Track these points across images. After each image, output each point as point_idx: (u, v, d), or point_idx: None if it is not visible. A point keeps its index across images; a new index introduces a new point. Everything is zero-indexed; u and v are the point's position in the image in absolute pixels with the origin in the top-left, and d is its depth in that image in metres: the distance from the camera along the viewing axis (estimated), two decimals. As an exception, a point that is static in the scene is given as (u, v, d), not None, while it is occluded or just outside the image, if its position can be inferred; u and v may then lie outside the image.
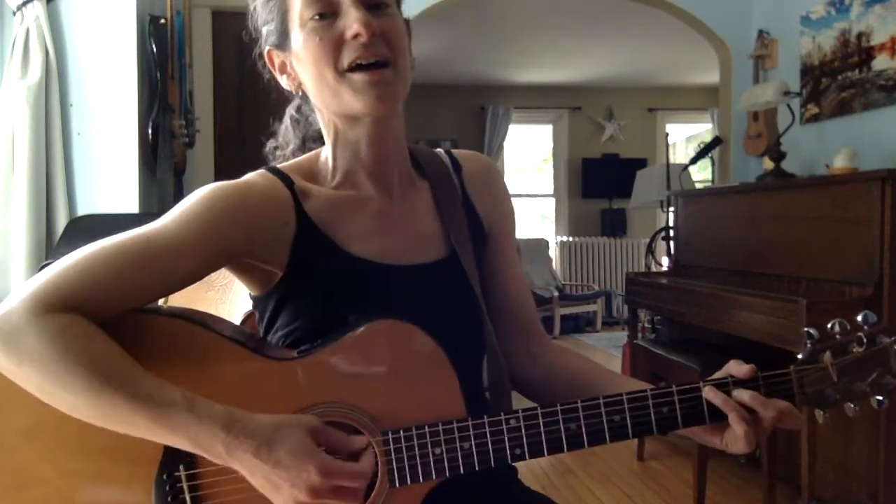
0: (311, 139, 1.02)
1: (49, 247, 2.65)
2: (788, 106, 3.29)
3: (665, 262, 3.97)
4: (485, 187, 1.04)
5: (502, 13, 5.34)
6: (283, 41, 0.92)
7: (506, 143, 7.84)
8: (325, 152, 0.97)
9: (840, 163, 2.86)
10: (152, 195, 2.96)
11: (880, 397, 0.81)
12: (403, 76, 0.89)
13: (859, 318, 0.83)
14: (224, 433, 0.75)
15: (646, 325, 4.46)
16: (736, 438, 0.82)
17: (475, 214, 1.02)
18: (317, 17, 0.87)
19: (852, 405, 0.82)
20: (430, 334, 0.84)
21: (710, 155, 4.03)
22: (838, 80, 3.35)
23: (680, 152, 8.23)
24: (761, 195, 2.88)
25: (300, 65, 0.91)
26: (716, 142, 3.94)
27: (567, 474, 3.10)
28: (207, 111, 3.47)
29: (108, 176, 2.81)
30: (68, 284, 0.79)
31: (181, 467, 0.81)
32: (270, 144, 1.05)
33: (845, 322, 0.83)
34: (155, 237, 0.83)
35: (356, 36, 0.85)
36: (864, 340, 0.82)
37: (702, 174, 6.57)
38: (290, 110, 1.04)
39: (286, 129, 1.04)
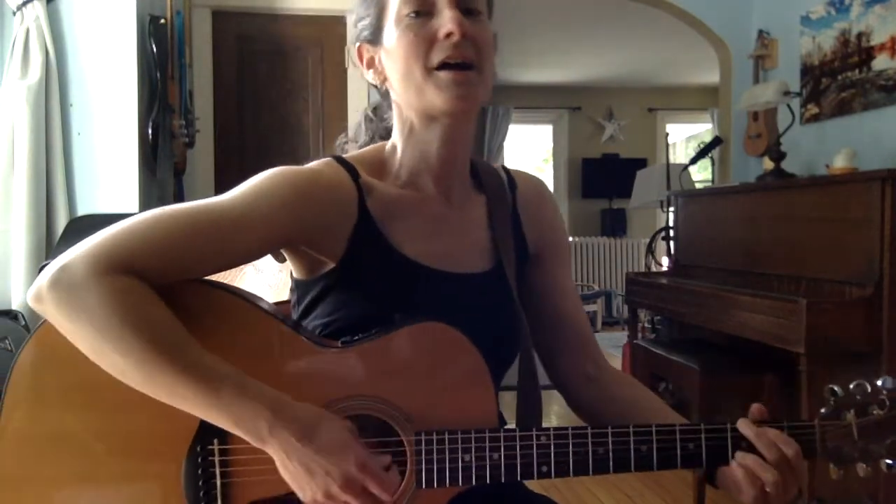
0: (381, 137, 1.03)
1: (49, 247, 2.65)
2: (788, 106, 3.29)
3: (665, 262, 3.97)
4: (536, 210, 1.06)
5: (502, 13, 5.32)
6: (375, 36, 0.94)
7: (506, 143, 7.84)
8: (394, 146, 0.97)
9: (840, 163, 2.86)
10: (152, 195, 2.96)
11: (890, 461, 0.84)
12: (486, 82, 0.91)
13: (879, 382, 0.86)
14: (270, 413, 0.76)
15: (646, 325, 4.46)
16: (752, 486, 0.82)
17: (521, 235, 1.03)
18: (413, 15, 0.89)
19: (864, 465, 0.84)
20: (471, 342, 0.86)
21: (710, 155, 4.03)
22: (838, 80, 3.35)
23: (680, 152, 8.23)
24: (761, 195, 2.88)
25: (389, 59, 0.93)
26: (716, 142, 3.94)
27: (567, 474, 3.10)
28: (207, 111, 3.47)
29: (108, 176, 2.81)
30: (132, 246, 0.79)
31: (216, 441, 0.82)
32: (341, 139, 1.07)
33: (866, 384, 0.86)
34: (221, 210, 0.84)
35: (448, 35, 0.87)
36: (887, 404, 0.84)
37: (702, 174, 6.57)
38: (367, 110, 1.06)
39: (358, 126, 1.06)
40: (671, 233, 3.73)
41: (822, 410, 0.86)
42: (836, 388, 0.86)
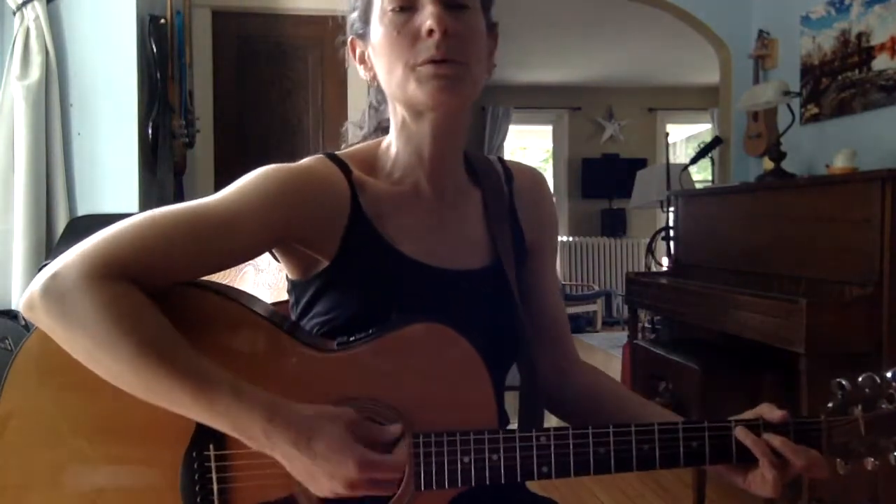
0: (383, 129, 1.01)
1: (49, 247, 2.65)
2: (788, 106, 3.28)
3: (665, 262, 3.97)
4: (533, 203, 1.04)
5: (502, 13, 5.30)
6: (364, 31, 0.93)
7: (506, 143, 7.84)
8: (389, 142, 0.96)
9: (840, 163, 2.85)
10: (152, 195, 2.95)
11: None
12: (473, 76, 0.88)
13: (888, 374, 0.84)
14: (265, 421, 0.75)
15: (646, 325, 4.46)
16: (764, 483, 0.81)
17: (519, 228, 1.02)
18: (396, 9, 0.87)
19: (873, 459, 0.82)
20: (470, 341, 0.84)
21: (710, 155, 4.03)
22: (838, 80, 3.35)
23: (680, 152, 8.24)
24: (761, 195, 2.88)
25: (376, 56, 0.91)
26: (716, 142, 3.93)
27: (567, 474, 3.10)
28: (207, 111, 3.47)
29: (108, 176, 2.81)
30: (123, 251, 0.78)
31: (211, 447, 0.81)
32: (349, 123, 1.07)
33: (874, 376, 0.84)
34: (212, 211, 0.83)
35: (430, 32, 0.84)
36: (895, 397, 0.82)
37: (702, 174, 6.57)
38: (371, 98, 1.05)
39: (363, 114, 1.06)
40: (671, 233, 3.73)
41: (829, 405, 0.84)
42: (843, 382, 0.84)
